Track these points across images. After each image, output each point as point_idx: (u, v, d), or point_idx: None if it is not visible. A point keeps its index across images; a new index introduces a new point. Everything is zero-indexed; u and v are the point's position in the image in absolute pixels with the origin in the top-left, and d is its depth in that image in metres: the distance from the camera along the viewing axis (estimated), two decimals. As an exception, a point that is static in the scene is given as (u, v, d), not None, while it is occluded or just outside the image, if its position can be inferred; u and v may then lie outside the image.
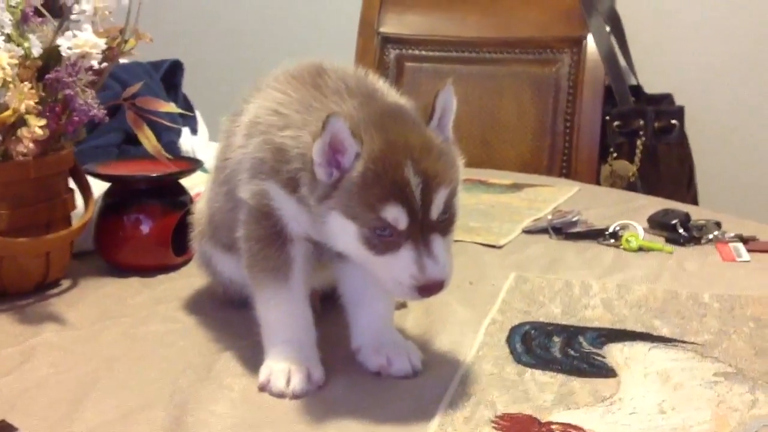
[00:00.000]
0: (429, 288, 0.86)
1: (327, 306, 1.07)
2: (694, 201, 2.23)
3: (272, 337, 0.95)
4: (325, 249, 0.94)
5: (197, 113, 1.86)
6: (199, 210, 1.15)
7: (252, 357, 0.97)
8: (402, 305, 1.11)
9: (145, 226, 1.25)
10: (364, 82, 0.95)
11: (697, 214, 1.46)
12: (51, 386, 0.93)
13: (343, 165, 0.86)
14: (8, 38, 1.13)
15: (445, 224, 0.88)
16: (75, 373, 0.96)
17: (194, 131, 1.81)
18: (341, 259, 0.95)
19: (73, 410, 0.87)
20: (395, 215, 0.84)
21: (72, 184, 1.25)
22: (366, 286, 0.97)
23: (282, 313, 0.96)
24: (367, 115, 0.88)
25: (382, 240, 0.85)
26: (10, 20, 1.13)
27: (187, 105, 1.86)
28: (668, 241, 1.38)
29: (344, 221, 0.86)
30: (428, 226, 0.85)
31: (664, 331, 1.04)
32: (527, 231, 1.47)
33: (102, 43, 1.13)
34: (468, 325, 1.07)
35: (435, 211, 0.85)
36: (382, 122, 0.87)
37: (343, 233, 0.87)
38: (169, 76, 1.86)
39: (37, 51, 1.14)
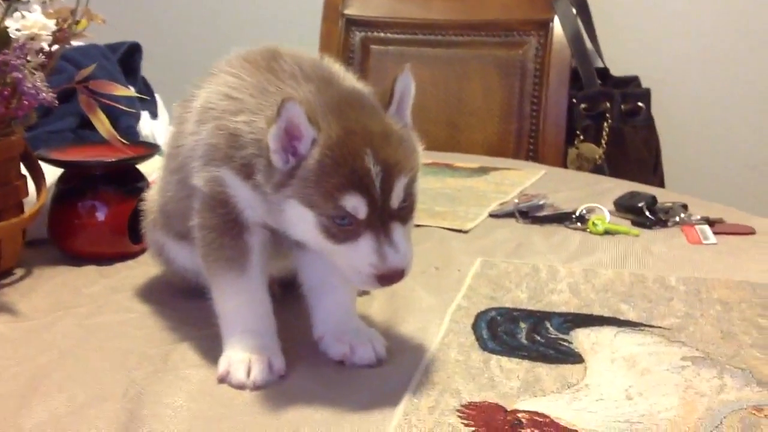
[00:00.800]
0: (389, 276, 0.85)
1: (287, 293, 1.04)
2: (661, 184, 2.23)
3: (230, 327, 0.92)
4: (284, 237, 0.91)
5: (157, 97, 1.82)
6: (151, 198, 1.11)
7: (210, 347, 0.94)
8: (365, 292, 1.08)
9: (100, 213, 1.21)
10: (320, 67, 0.93)
11: (664, 196, 1.46)
12: (1, 380, 0.89)
13: (299, 152, 0.83)
14: (-47, 19, 1.08)
15: (405, 212, 0.86)
16: (26, 365, 0.93)
17: (154, 115, 1.77)
18: (300, 247, 0.93)
19: (22, 404, 0.84)
20: (355, 204, 0.82)
21: (24, 170, 1.21)
22: (327, 273, 0.94)
23: (240, 303, 0.93)
24: (325, 100, 0.86)
25: (341, 228, 0.83)
26: (-46, 0, 1.08)
27: (146, 88, 1.81)
28: (634, 224, 1.38)
29: (302, 209, 0.84)
30: (388, 214, 0.84)
31: (631, 316, 1.03)
32: (494, 215, 1.45)
33: (51, 24, 1.09)
34: (433, 311, 1.05)
35: (395, 199, 0.84)
36: (340, 108, 0.85)
37: (301, 221, 0.85)
38: (127, 59, 1.81)
39: (-17, 32, 1.09)
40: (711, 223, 1.35)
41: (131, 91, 1.29)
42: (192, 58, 2.63)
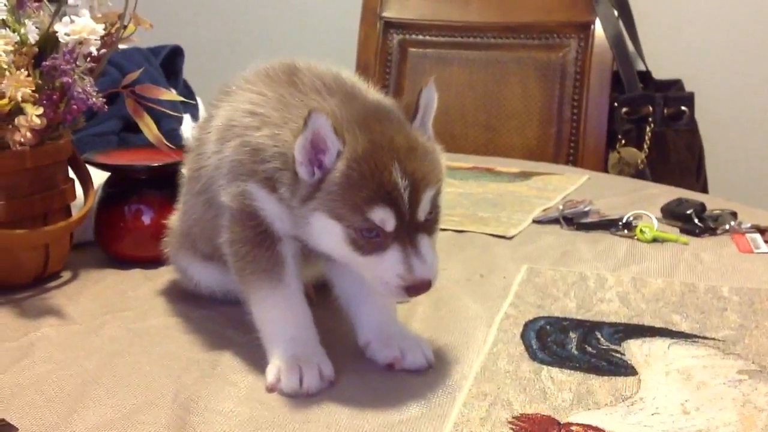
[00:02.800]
0: (417, 288, 0.85)
1: (322, 297, 1.04)
2: (704, 189, 2.20)
3: (274, 337, 0.92)
4: (312, 248, 0.91)
5: (198, 100, 1.82)
6: (172, 223, 1.12)
7: (258, 352, 0.93)
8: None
9: (146, 216, 1.22)
10: (341, 80, 0.93)
11: (711, 203, 1.43)
12: (50, 383, 0.90)
13: (324, 164, 0.84)
14: (3, 24, 1.09)
15: (431, 223, 0.87)
16: (75, 369, 0.93)
17: (195, 118, 1.77)
18: (328, 258, 0.93)
19: (73, 409, 0.84)
20: (383, 217, 0.83)
21: (71, 173, 1.21)
22: (361, 281, 0.94)
23: (281, 312, 0.93)
24: (350, 113, 0.86)
25: (368, 240, 0.84)
26: (5, 5, 1.09)
27: (188, 91, 1.82)
28: (683, 231, 1.35)
29: (329, 222, 0.85)
30: (414, 227, 0.85)
31: (684, 327, 1.01)
32: (537, 221, 1.44)
33: (100, 28, 1.09)
34: (480, 320, 1.04)
35: (422, 212, 0.85)
36: (366, 121, 0.85)
37: (328, 234, 0.86)
38: (169, 62, 1.82)
39: (33, 37, 1.10)
40: (762, 231, 1.32)
41: (177, 95, 1.29)
42: (232, 60, 2.64)
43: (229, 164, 0.92)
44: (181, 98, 1.37)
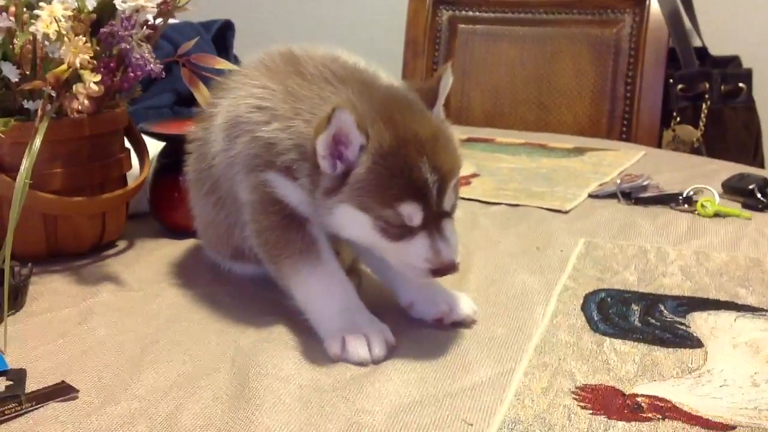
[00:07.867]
0: (444, 270, 0.86)
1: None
2: (761, 168, 2.14)
3: (326, 310, 0.90)
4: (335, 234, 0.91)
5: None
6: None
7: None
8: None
9: (200, 186, 1.21)
10: (347, 66, 0.92)
11: (773, 179, 1.39)
12: (109, 348, 0.90)
13: (346, 157, 0.84)
14: (61, -10, 1.09)
15: (453, 207, 0.88)
16: (133, 334, 0.93)
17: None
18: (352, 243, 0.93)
19: (132, 372, 0.84)
20: (412, 211, 0.83)
21: (127, 143, 1.22)
22: None
23: (328, 286, 0.92)
24: (370, 104, 0.85)
25: (396, 228, 0.84)
26: (64, -28, 1.09)
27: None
28: (745, 206, 1.32)
29: (357, 213, 0.85)
30: (439, 213, 0.85)
31: (750, 300, 0.98)
32: (593, 196, 1.41)
33: (157, -4, 1.09)
34: (538, 292, 1.02)
35: (448, 201, 0.86)
36: (388, 113, 0.85)
37: (355, 224, 0.86)
38: (220, 37, 1.83)
39: (91, 4, 1.10)
40: (827, 207, 1.28)
41: (231, 65, 1.29)
42: (282, 35, 2.63)
43: (243, 158, 0.92)
44: (235, 67, 1.37)
